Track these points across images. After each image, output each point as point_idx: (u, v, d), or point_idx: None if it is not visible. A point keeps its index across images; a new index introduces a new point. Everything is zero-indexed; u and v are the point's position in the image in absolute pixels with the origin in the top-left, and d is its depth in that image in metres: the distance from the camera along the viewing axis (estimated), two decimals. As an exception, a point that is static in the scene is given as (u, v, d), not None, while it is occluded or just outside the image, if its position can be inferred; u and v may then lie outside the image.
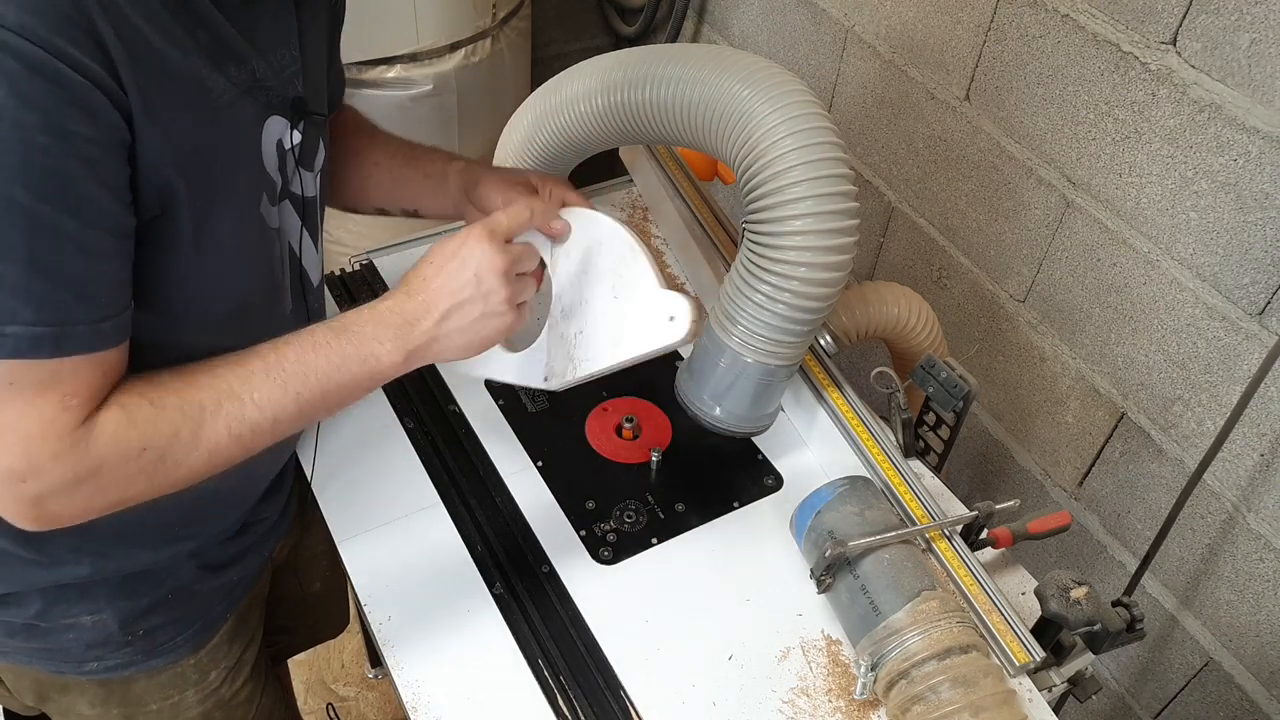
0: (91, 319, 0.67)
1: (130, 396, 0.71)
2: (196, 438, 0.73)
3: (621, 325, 0.91)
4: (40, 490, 0.68)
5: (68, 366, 0.66)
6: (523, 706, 0.91)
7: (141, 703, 1.00)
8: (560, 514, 1.08)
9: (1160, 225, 1.27)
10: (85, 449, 0.68)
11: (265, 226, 0.83)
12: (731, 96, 0.99)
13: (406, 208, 1.05)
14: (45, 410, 0.66)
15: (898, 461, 1.11)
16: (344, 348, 0.78)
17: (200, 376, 0.74)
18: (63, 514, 0.71)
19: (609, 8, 2.48)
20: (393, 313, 0.79)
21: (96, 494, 0.71)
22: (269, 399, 0.75)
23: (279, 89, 0.80)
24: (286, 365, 0.76)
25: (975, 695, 0.86)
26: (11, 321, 0.63)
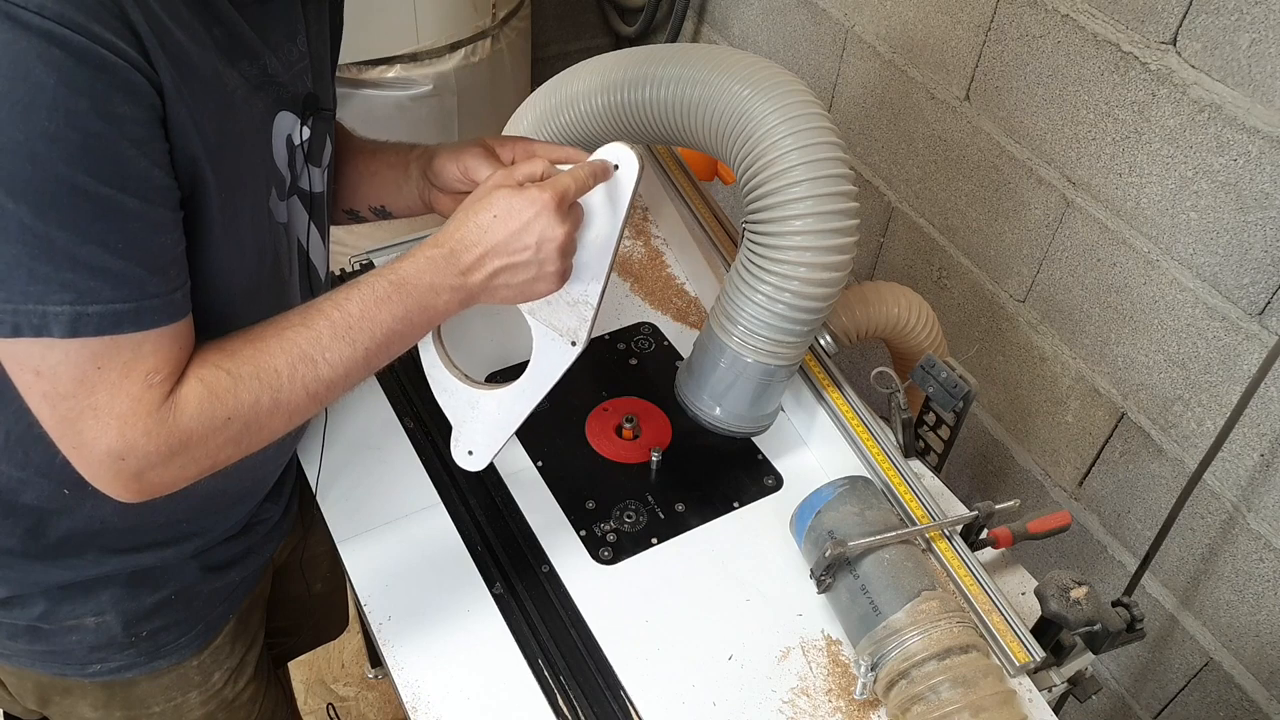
0: (164, 290, 0.69)
1: (206, 369, 0.73)
2: (276, 402, 0.75)
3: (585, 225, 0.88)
4: (139, 466, 0.70)
5: (149, 342, 0.68)
6: (523, 706, 0.91)
7: (144, 704, 1.00)
8: (560, 514, 1.08)
9: (1160, 225, 1.27)
10: (174, 424, 0.71)
11: (274, 221, 0.84)
12: (732, 96, 0.99)
13: (374, 204, 1.04)
14: (132, 389, 0.68)
15: (898, 461, 1.11)
16: (406, 300, 0.80)
17: (270, 342, 0.76)
18: (162, 484, 0.73)
19: (609, 8, 2.48)
20: (449, 264, 0.81)
21: (190, 464, 0.73)
22: (340, 356, 0.77)
23: (289, 85, 0.81)
24: (353, 323, 0.78)
25: (975, 695, 0.86)
26: (93, 301, 0.65)
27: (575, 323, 0.91)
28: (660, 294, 1.36)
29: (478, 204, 0.82)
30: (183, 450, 0.72)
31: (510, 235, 0.81)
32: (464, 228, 0.82)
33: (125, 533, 0.89)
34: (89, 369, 0.67)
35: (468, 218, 0.82)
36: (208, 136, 0.70)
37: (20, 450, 0.80)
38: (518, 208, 0.81)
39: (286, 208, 0.86)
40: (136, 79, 0.63)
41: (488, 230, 0.81)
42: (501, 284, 0.83)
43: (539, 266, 0.82)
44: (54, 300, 0.64)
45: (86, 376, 0.67)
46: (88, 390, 0.67)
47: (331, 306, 0.78)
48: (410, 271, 0.80)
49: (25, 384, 0.68)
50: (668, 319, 1.32)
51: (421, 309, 0.81)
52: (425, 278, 0.80)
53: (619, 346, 1.28)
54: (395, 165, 1.02)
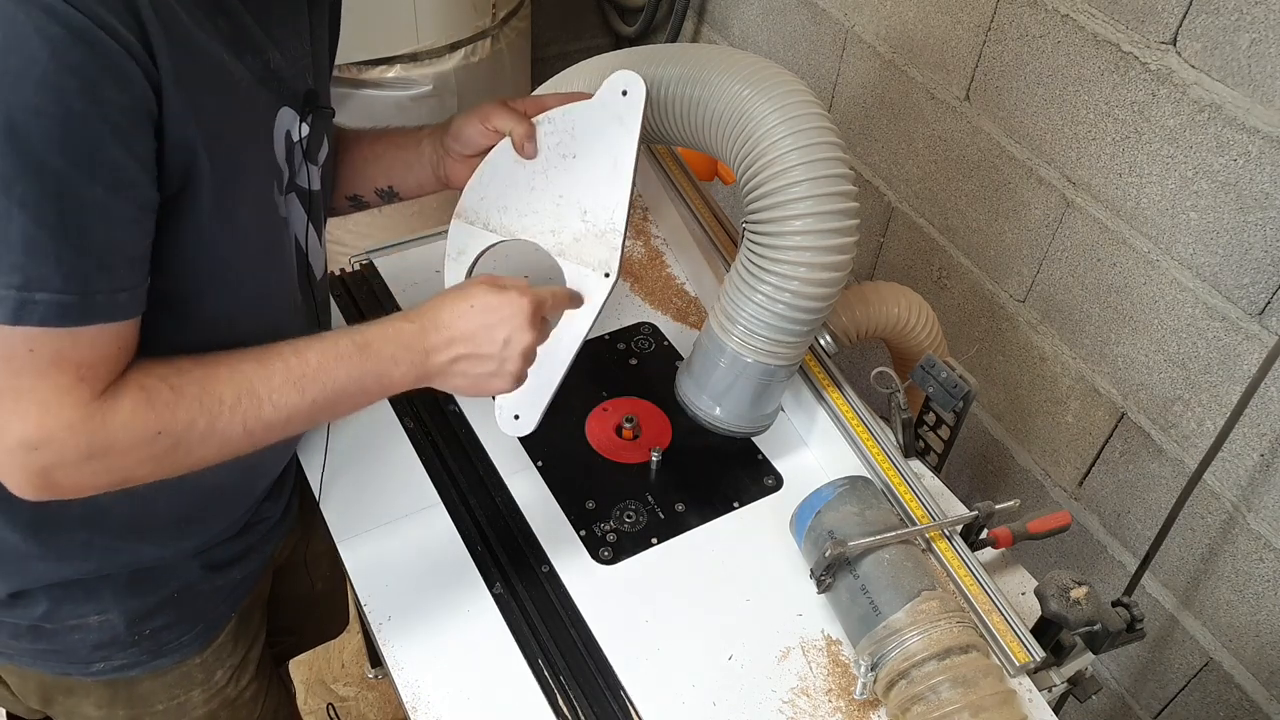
0: (111, 288, 0.67)
1: (151, 379, 0.72)
2: (212, 429, 0.74)
3: (601, 150, 0.91)
4: (50, 461, 0.68)
5: (86, 336, 0.67)
6: (523, 706, 0.91)
7: (148, 703, 1.00)
8: (560, 514, 1.08)
9: (1160, 225, 1.27)
10: (100, 423, 0.69)
11: (276, 215, 0.84)
12: (732, 96, 0.99)
13: (381, 186, 1.04)
14: (61, 380, 0.66)
15: (898, 461, 1.11)
16: (364, 364, 0.80)
17: (221, 370, 0.75)
18: (67, 486, 0.71)
19: (609, 8, 2.48)
20: (415, 339, 0.82)
21: (103, 471, 0.71)
22: (286, 401, 0.76)
23: (291, 81, 0.81)
24: (308, 371, 0.77)
25: (975, 695, 0.86)
26: (41, 288, 0.63)
27: (606, 253, 0.93)
28: (660, 294, 1.36)
29: (458, 292, 0.84)
30: (102, 454, 0.70)
31: (482, 328, 0.83)
32: (439, 310, 0.83)
33: (125, 530, 0.89)
34: (20, 350, 0.65)
35: (445, 301, 0.84)
36: (209, 126, 0.70)
37: None
38: (495, 305, 0.83)
39: (285, 204, 0.86)
40: (130, 67, 0.63)
41: (461, 317, 0.83)
42: (459, 371, 0.84)
43: (499, 364, 0.84)
44: (1, 283, 0.62)
45: (15, 357, 0.65)
46: (13, 372, 0.65)
47: (291, 352, 0.78)
48: (375, 337, 0.81)
49: None
50: (668, 319, 1.32)
51: (376, 376, 0.81)
52: (389, 347, 0.81)
53: (619, 346, 1.28)
54: (405, 145, 1.03)
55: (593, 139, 0.93)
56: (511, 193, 0.97)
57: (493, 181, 0.97)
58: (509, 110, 0.95)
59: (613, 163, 0.92)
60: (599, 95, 0.92)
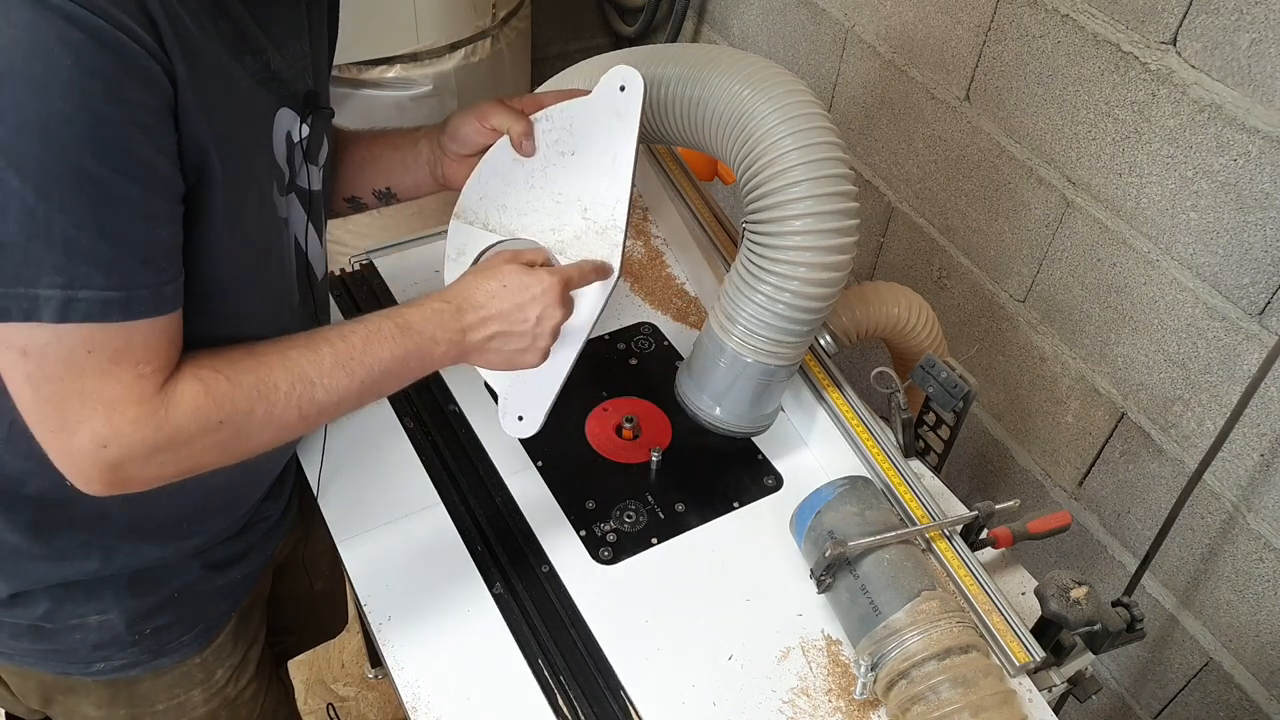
0: (155, 283, 0.69)
1: (206, 371, 0.74)
2: (270, 416, 0.76)
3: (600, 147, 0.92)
4: (120, 456, 0.70)
5: (139, 332, 0.68)
6: (523, 707, 0.91)
7: (148, 702, 1.00)
8: (560, 514, 1.08)
9: (1160, 225, 1.27)
10: (164, 416, 0.71)
11: (277, 215, 0.84)
12: (732, 96, 0.99)
13: (378, 188, 1.05)
14: (123, 376, 0.68)
15: (898, 461, 1.11)
16: (406, 344, 0.83)
17: (272, 358, 0.77)
18: (137, 479, 0.73)
19: (609, 8, 2.48)
20: (453, 319, 0.86)
21: (171, 462, 0.73)
22: (337, 384, 0.79)
23: (291, 82, 0.82)
24: (354, 354, 0.81)
25: (975, 695, 0.86)
26: (84, 286, 0.65)
27: (607, 250, 0.94)
28: (660, 294, 1.36)
29: (488, 271, 0.88)
30: (168, 446, 0.72)
31: (515, 306, 0.87)
32: (473, 290, 0.87)
33: (127, 529, 0.89)
34: (79, 352, 0.67)
35: (478, 281, 0.87)
36: (216, 126, 0.70)
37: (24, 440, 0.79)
38: (527, 284, 0.87)
39: (285, 204, 0.86)
40: (151, 65, 0.63)
41: (495, 296, 0.87)
42: (494, 348, 0.88)
43: (532, 340, 0.89)
44: (45, 284, 0.64)
45: (75, 360, 0.67)
46: (76, 374, 0.67)
47: (336, 336, 0.81)
48: (415, 318, 0.84)
49: (8, 363, 0.67)
50: (668, 319, 1.33)
51: (419, 355, 0.84)
52: (429, 327, 0.84)
53: (619, 346, 1.28)
54: (402, 146, 1.03)
55: (591, 135, 0.92)
56: (510, 191, 0.96)
57: (491, 180, 0.97)
58: (506, 108, 0.95)
59: (612, 159, 0.92)
60: (597, 91, 0.92)
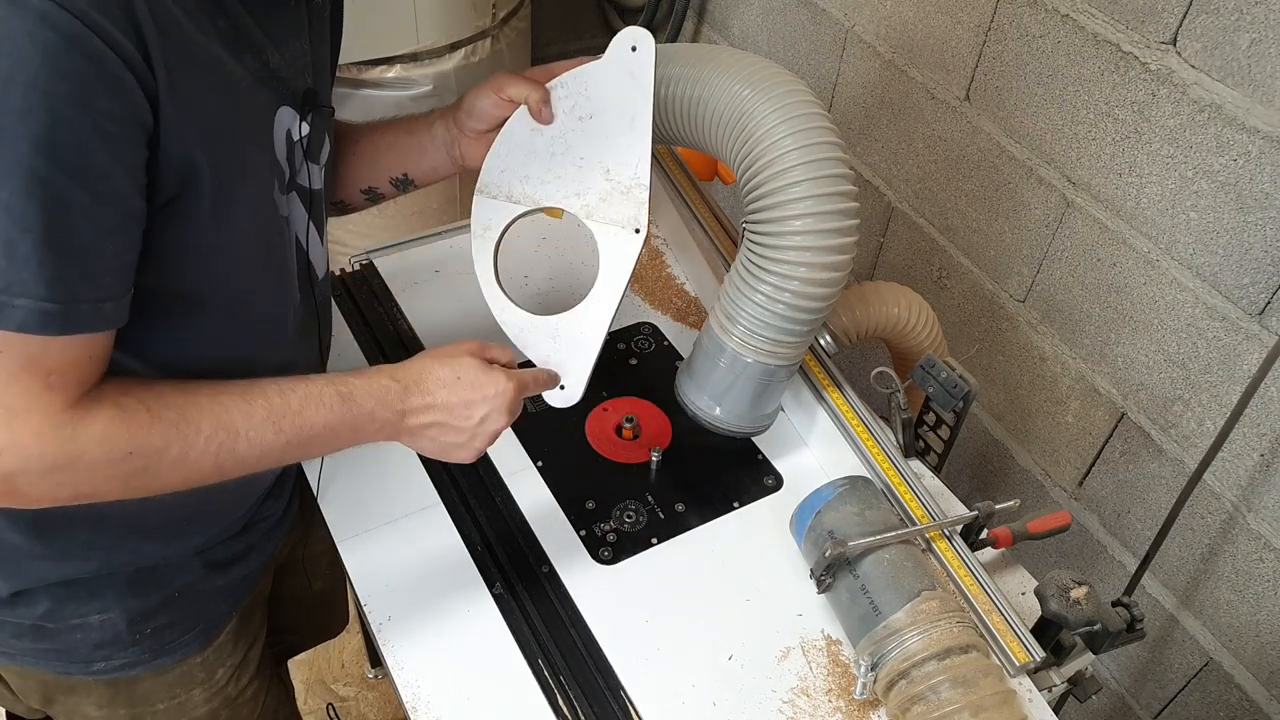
0: (94, 298, 0.66)
1: (129, 399, 0.71)
2: (184, 457, 0.73)
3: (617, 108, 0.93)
4: (14, 467, 0.67)
5: (57, 345, 0.66)
6: (523, 707, 0.91)
7: (149, 702, 1.00)
8: (560, 514, 1.08)
9: (1160, 225, 1.27)
10: (70, 435, 0.68)
11: (277, 214, 0.84)
12: (732, 96, 0.99)
13: (395, 175, 1.04)
14: (31, 385, 0.65)
15: (898, 461, 1.11)
16: (343, 414, 0.81)
17: (201, 399, 0.75)
18: (29, 495, 0.70)
19: (609, 8, 2.48)
20: (396, 399, 0.84)
21: (68, 484, 0.70)
22: (261, 440, 0.77)
23: (290, 80, 0.81)
24: (289, 414, 0.78)
25: (975, 695, 0.86)
26: (22, 293, 0.63)
27: (633, 209, 0.94)
28: (660, 294, 1.36)
29: (445, 359, 0.86)
30: (69, 466, 0.68)
31: (462, 403, 0.85)
32: (425, 374, 0.85)
33: (127, 529, 0.89)
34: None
35: (432, 367, 0.85)
36: (209, 127, 0.70)
37: None
38: (481, 383, 0.85)
39: (286, 203, 0.86)
40: (124, 75, 0.62)
41: (445, 386, 0.85)
42: (429, 436, 0.86)
43: (469, 438, 0.87)
44: None
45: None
46: None
47: (275, 391, 0.78)
48: (359, 391, 0.82)
49: None
50: (668, 319, 1.32)
51: (352, 427, 0.82)
52: (370, 402, 0.82)
53: (619, 346, 1.28)
54: (417, 130, 1.03)
55: (607, 97, 0.93)
56: (532, 161, 0.97)
57: (512, 152, 0.97)
58: (522, 79, 0.95)
59: (630, 118, 0.93)
60: (608, 54, 0.93)
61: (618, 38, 0.92)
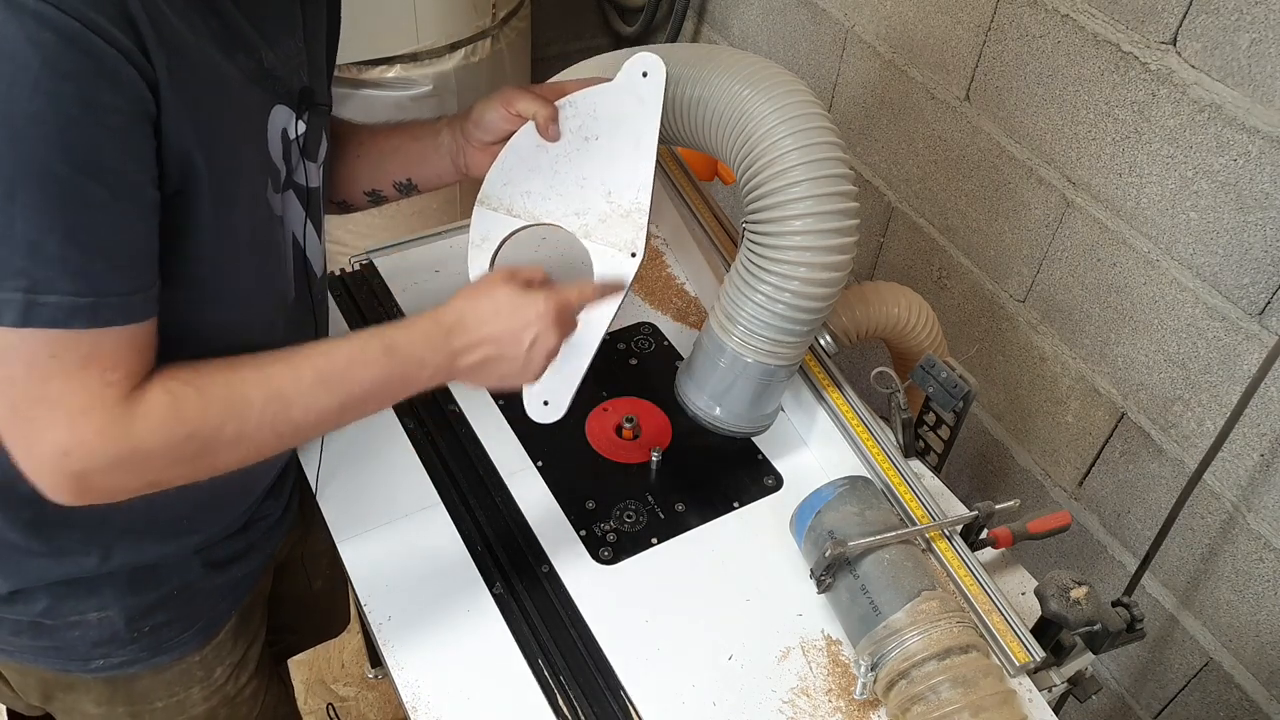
0: (124, 290, 0.68)
1: (176, 383, 0.72)
2: (241, 434, 0.74)
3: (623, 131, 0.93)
4: (84, 466, 0.69)
5: (106, 340, 0.67)
6: (523, 706, 0.92)
7: (147, 700, 1.00)
8: (560, 514, 1.08)
9: (1160, 225, 1.27)
10: (129, 427, 0.69)
11: (271, 213, 0.84)
12: (732, 96, 0.99)
13: (399, 179, 1.04)
14: (89, 384, 0.67)
15: (898, 461, 1.11)
16: (391, 367, 0.81)
17: (247, 372, 0.75)
18: (101, 490, 0.72)
19: (609, 8, 2.48)
20: (444, 342, 0.83)
21: (136, 474, 0.72)
22: (316, 404, 0.77)
23: (285, 79, 0.81)
24: (336, 374, 0.78)
25: (975, 695, 0.86)
26: (49, 291, 0.64)
27: (631, 233, 0.94)
28: (660, 294, 1.36)
29: (482, 293, 0.85)
30: (132, 458, 0.70)
31: (507, 331, 0.84)
32: (466, 313, 0.84)
33: (126, 528, 0.89)
34: (42, 357, 0.65)
35: (471, 304, 0.85)
36: (203, 127, 0.70)
37: None
38: (521, 307, 0.85)
39: (282, 201, 0.86)
40: (125, 69, 0.63)
41: (487, 322, 0.84)
42: (485, 372, 0.86)
43: (524, 364, 0.86)
44: (8, 287, 0.63)
45: (39, 364, 0.66)
46: (39, 379, 0.66)
47: (318, 354, 0.78)
48: (403, 340, 0.82)
49: None
50: (668, 319, 1.32)
51: (403, 378, 0.82)
52: (416, 350, 0.82)
53: (619, 346, 1.28)
54: (423, 136, 1.03)
55: (614, 120, 0.93)
56: (535, 177, 0.97)
57: (516, 166, 0.97)
58: (532, 94, 0.95)
59: (635, 142, 0.93)
60: (619, 78, 0.93)
61: (630, 62, 0.92)
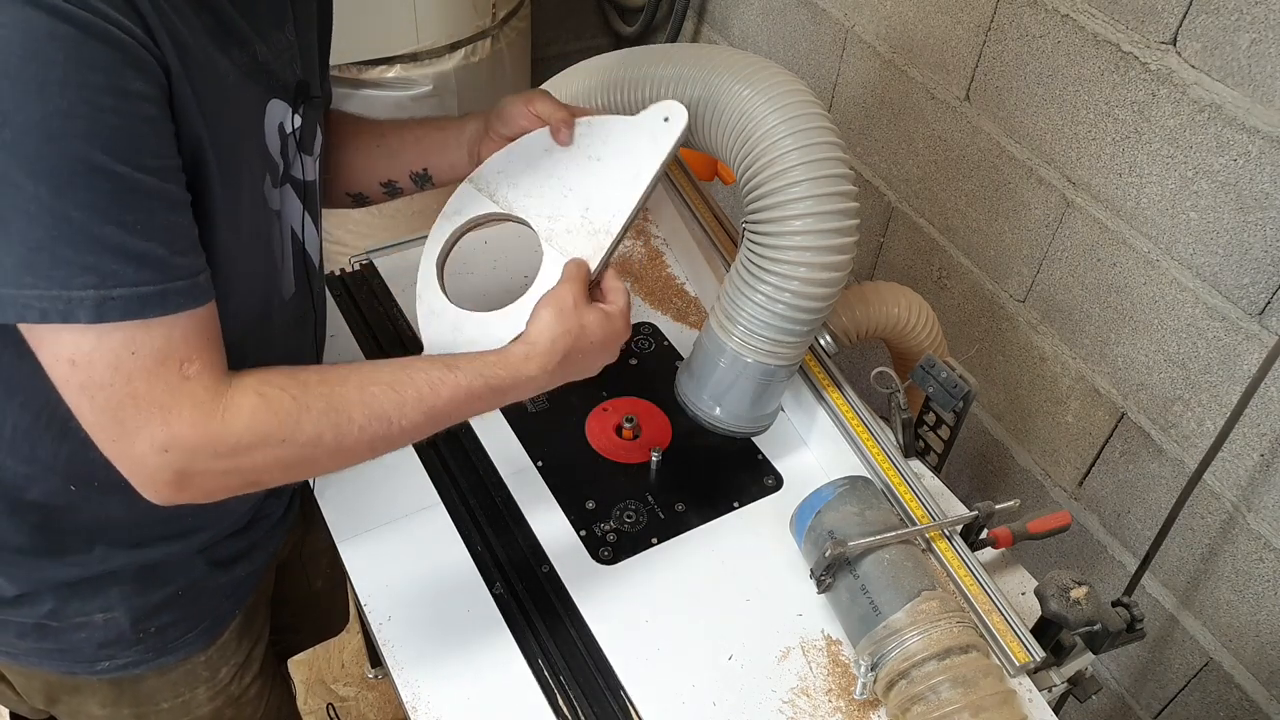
0: (188, 273, 0.68)
1: (269, 388, 0.73)
2: (340, 446, 0.76)
3: (625, 161, 0.93)
4: (183, 462, 0.70)
5: (179, 327, 0.68)
6: (523, 706, 0.92)
7: (153, 701, 1.00)
8: (560, 514, 1.08)
9: (1160, 225, 1.27)
10: (221, 423, 0.70)
11: (268, 208, 0.84)
12: (732, 96, 0.99)
13: (416, 169, 1.05)
14: (169, 377, 0.68)
15: (898, 461, 1.11)
16: (494, 403, 0.85)
17: (350, 391, 0.77)
18: (202, 488, 0.73)
19: (609, 8, 2.48)
20: (546, 380, 0.88)
21: (234, 472, 0.73)
22: (414, 425, 0.80)
23: (280, 73, 0.81)
24: (440, 407, 0.81)
25: (975, 695, 0.86)
26: (117, 284, 0.64)
27: (590, 251, 0.94)
28: (660, 294, 1.36)
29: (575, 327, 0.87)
30: (230, 454, 0.71)
31: (604, 358, 0.91)
32: (571, 353, 0.87)
33: (131, 529, 0.89)
34: (123, 354, 0.66)
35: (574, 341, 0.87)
36: (209, 120, 0.70)
37: (26, 445, 0.79)
38: (612, 334, 0.90)
39: (280, 195, 0.86)
40: (145, 56, 0.63)
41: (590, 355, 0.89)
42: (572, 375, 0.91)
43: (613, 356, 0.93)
44: (77, 285, 0.63)
45: (121, 363, 0.66)
46: (125, 378, 0.66)
47: (426, 384, 0.80)
48: (509, 382, 0.85)
49: (62, 377, 0.67)
50: (668, 319, 1.33)
51: (500, 404, 0.86)
52: (521, 392, 0.86)
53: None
54: (445, 127, 1.04)
55: (621, 149, 0.95)
56: (528, 174, 0.98)
57: (516, 160, 0.99)
58: (556, 101, 0.97)
59: (633, 174, 0.94)
60: (641, 115, 0.94)
61: (657, 104, 0.94)
